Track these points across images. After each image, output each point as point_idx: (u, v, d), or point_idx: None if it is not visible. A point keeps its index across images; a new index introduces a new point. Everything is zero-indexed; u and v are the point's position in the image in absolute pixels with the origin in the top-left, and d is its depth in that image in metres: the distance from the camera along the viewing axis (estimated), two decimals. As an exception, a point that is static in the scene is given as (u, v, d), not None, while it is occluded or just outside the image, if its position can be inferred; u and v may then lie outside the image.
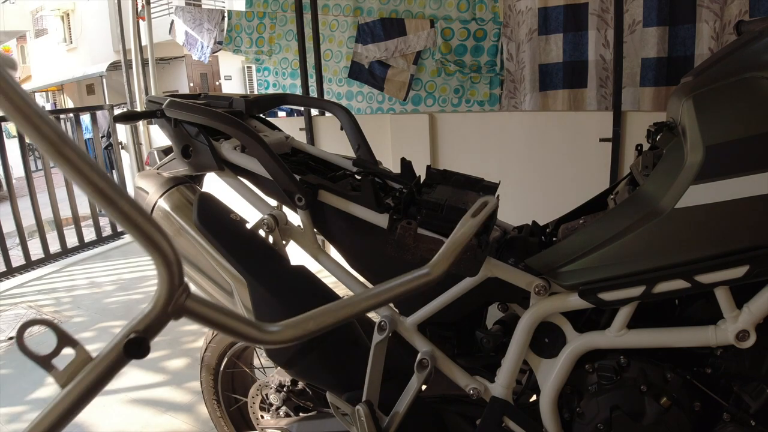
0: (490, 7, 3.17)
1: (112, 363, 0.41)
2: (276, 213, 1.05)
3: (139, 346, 0.40)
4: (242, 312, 1.02)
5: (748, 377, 0.79)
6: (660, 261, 0.76)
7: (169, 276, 0.41)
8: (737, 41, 0.88)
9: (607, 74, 2.87)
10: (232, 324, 0.44)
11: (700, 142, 0.73)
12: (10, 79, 0.35)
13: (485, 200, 0.74)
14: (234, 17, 3.88)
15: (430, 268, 0.59)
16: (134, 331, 0.41)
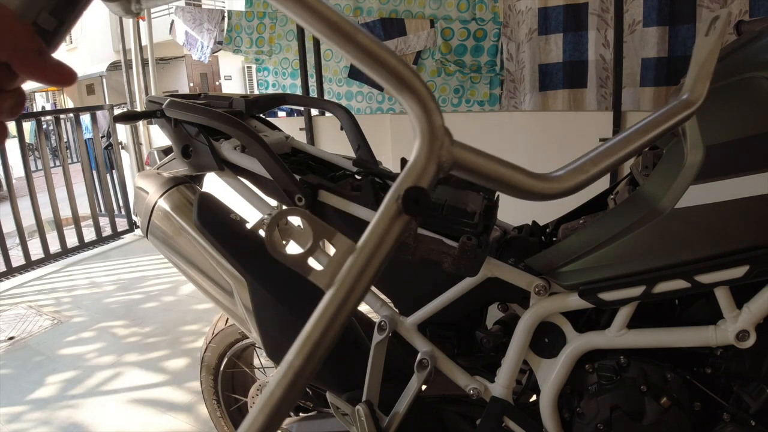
0: (490, 7, 3.17)
1: (389, 235, 0.34)
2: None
3: (418, 198, 0.33)
4: (242, 312, 1.02)
5: (748, 377, 0.79)
6: (660, 261, 0.76)
7: (426, 117, 0.34)
8: (737, 41, 0.88)
9: (607, 74, 2.87)
10: (511, 177, 0.37)
11: (700, 142, 0.73)
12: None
13: (716, 15, 0.58)
14: (234, 17, 3.88)
15: (689, 93, 0.49)
16: (402, 189, 0.34)
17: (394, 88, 0.34)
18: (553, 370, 0.88)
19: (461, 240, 0.81)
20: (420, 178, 0.34)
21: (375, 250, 0.36)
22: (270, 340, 1.00)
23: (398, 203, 0.34)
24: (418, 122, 0.34)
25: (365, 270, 0.35)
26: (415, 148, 0.35)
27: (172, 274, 3.46)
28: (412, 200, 0.33)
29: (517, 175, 0.37)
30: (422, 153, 0.35)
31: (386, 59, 0.33)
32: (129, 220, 4.58)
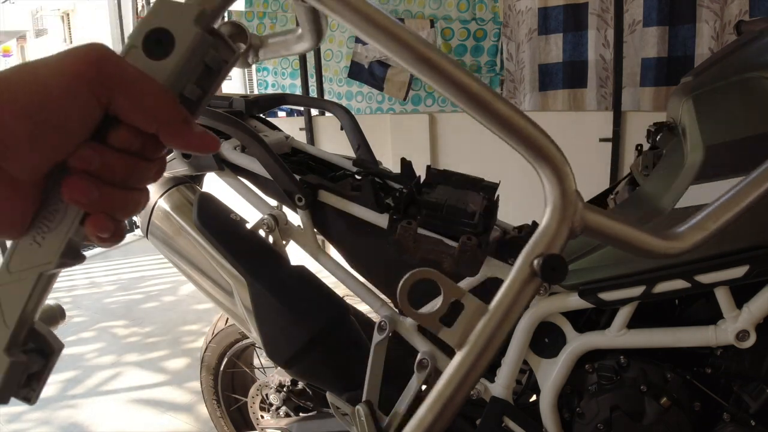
0: (490, 7, 3.17)
1: (521, 299, 0.35)
2: (276, 213, 1.05)
3: (556, 266, 0.34)
4: (242, 312, 1.03)
5: (748, 377, 0.79)
6: (660, 261, 0.76)
7: (559, 182, 0.35)
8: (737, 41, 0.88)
9: (607, 74, 2.87)
10: (637, 237, 0.37)
11: (700, 142, 0.73)
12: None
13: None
14: (234, 17, 3.88)
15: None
16: (538, 255, 0.35)
17: (530, 155, 0.35)
18: (553, 370, 0.88)
19: (461, 240, 0.81)
20: (552, 243, 0.36)
21: (507, 312, 0.35)
22: (270, 340, 1.00)
23: (532, 268, 0.35)
24: (551, 187, 0.36)
25: (497, 332, 0.35)
26: (547, 213, 0.36)
27: (172, 274, 3.46)
28: (550, 268, 0.34)
29: (643, 236, 0.37)
30: (555, 218, 0.36)
31: (525, 128, 0.34)
32: (129, 219, 4.58)
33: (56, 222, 0.33)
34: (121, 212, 0.34)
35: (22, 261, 0.34)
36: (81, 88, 0.30)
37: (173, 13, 0.32)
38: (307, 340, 0.96)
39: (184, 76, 0.33)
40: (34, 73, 0.30)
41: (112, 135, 0.32)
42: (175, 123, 0.32)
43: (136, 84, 0.30)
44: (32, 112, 0.29)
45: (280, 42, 0.55)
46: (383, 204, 0.95)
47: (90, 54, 0.30)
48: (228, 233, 1.02)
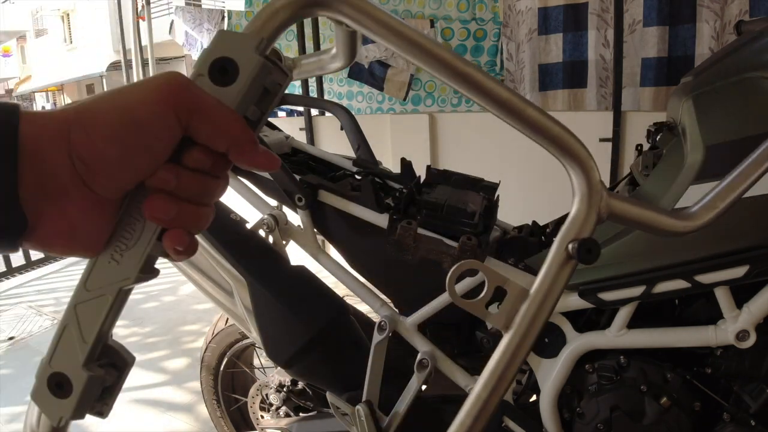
0: (490, 7, 3.17)
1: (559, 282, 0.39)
2: (276, 213, 1.05)
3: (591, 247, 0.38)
4: (242, 312, 1.03)
5: (748, 377, 0.79)
6: (660, 261, 0.76)
7: (585, 174, 0.39)
8: (737, 41, 0.88)
9: (607, 74, 2.87)
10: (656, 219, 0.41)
11: (700, 142, 0.73)
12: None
13: None
14: (234, 17, 3.88)
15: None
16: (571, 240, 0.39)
17: (558, 152, 0.39)
18: (553, 370, 0.88)
19: (461, 240, 0.81)
20: (583, 228, 0.40)
21: (547, 294, 0.40)
22: (270, 340, 1.00)
23: (567, 251, 0.39)
24: (578, 179, 0.40)
25: (540, 313, 0.40)
26: (576, 202, 0.40)
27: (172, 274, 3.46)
28: (586, 250, 0.38)
29: (662, 218, 0.42)
30: (584, 205, 0.40)
31: (552, 129, 0.39)
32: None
33: (134, 239, 0.35)
34: (196, 227, 0.36)
35: (100, 279, 0.36)
36: (166, 112, 0.32)
37: (235, 43, 0.34)
38: (307, 340, 0.96)
39: (248, 100, 0.35)
40: (122, 100, 0.33)
41: (187, 156, 0.34)
42: (245, 143, 0.35)
43: (212, 109, 0.33)
44: (122, 136, 0.32)
45: (314, 62, 0.57)
46: (383, 204, 0.95)
47: (172, 82, 0.33)
48: (228, 233, 1.02)
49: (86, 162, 0.32)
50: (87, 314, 0.35)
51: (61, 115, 0.32)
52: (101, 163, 0.32)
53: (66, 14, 17.16)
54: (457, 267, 0.39)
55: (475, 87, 0.38)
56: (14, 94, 21.52)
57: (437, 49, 0.37)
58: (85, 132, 0.32)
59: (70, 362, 0.35)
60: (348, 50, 0.52)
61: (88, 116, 0.32)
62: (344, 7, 0.36)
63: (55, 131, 0.32)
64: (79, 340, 0.35)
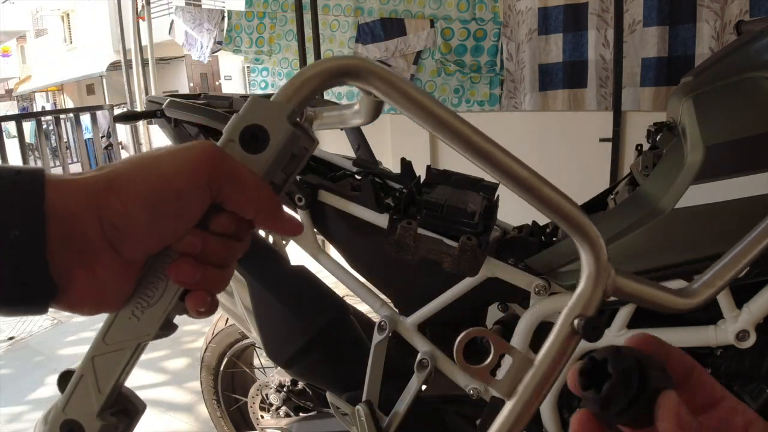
0: (490, 7, 3.17)
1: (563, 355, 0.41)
2: (276, 213, 1.05)
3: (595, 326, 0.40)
4: (242, 312, 1.03)
5: (748, 377, 0.79)
6: (660, 261, 0.76)
7: (595, 254, 0.42)
8: (737, 41, 0.88)
9: (607, 74, 2.87)
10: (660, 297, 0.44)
11: (700, 142, 0.73)
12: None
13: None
14: (234, 17, 3.88)
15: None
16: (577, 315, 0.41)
17: (570, 229, 0.42)
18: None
19: (461, 240, 0.81)
20: (588, 306, 0.42)
21: (552, 365, 0.41)
22: (270, 340, 1.00)
23: (573, 327, 0.41)
24: (587, 257, 0.42)
25: (542, 384, 0.40)
26: (583, 279, 0.42)
27: (172, 274, 3.45)
28: (591, 328, 0.40)
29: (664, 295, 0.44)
30: (591, 283, 0.42)
31: (565, 207, 0.41)
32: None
33: (156, 298, 0.36)
34: (218, 288, 0.37)
35: (120, 334, 0.36)
36: (201, 182, 0.33)
37: (267, 111, 0.35)
38: (307, 340, 0.96)
39: (276, 167, 0.36)
40: (157, 168, 0.34)
41: (214, 221, 0.35)
42: (272, 210, 0.36)
43: (243, 179, 0.34)
44: (155, 204, 0.33)
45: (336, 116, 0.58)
46: (383, 204, 0.95)
47: (206, 152, 0.34)
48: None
49: (118, 227, 0.33)
50: (104, 366, 0.37)
51: (91, 181, 0.33)
52: (132, 229, 0.33)
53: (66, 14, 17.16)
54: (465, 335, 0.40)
55: (495, 164, 0.39)
56: (14, 94, 21.53)
57: (460, 124, 0.39)
58: (119, 199, 0.32)
59: (84, 410, 0.36)
60: (371, 112, 0.54)
61: (122, 182, 0.33)
62: (373, 79, 0.37)
63: (84, 199, 0.32)
64: (94, 390, 0.36)
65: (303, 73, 0.37)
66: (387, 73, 0.38)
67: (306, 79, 0.37)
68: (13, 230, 0.30)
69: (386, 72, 0.38)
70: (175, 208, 0.33)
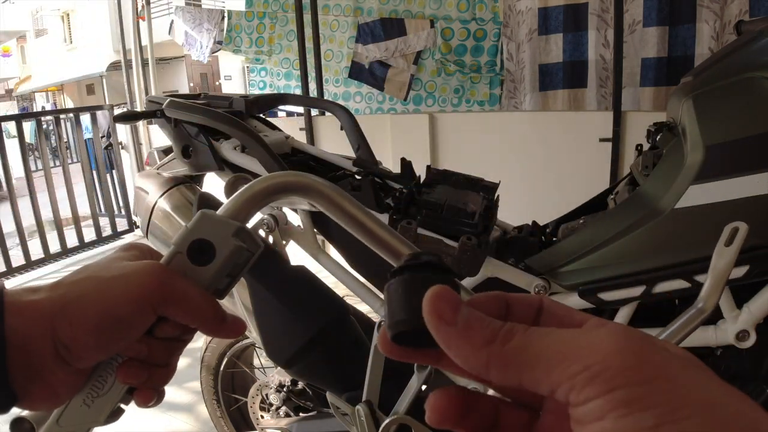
0: (490, 7, 3.17)
1: None
2: (276, 213, 1.05)
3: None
4: (242, 312, 1.02)
5: (748, 377, 0.79)
6: (660, 261, 0.76)
7: None
8: (737, 41, 0.88)
9: (607, 74, 2.87)
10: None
11: (700, 142, 0.73)
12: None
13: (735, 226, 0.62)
14: (234, 17, 3.88)
15: (702, 302, 0.60)
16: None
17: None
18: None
19: (461, 240, 0.81)
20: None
21: None
22: (270, 340, 1.00)
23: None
24: None
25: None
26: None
27: (172, 274, 3.45)
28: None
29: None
30: None
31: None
32: (129, 220, 4.58)
33: (105, 389, 0.39)
34: (163, 383, 0.41)
35: (71, 418, 0.39)
36: (145, 305, 0.37)
37: (214, 226, 0.38)
38: (307, 340, 0.96)
39: (220, 277, 0.39)
40: (104, 293, 0.37)
41: (159, 330, 0.39)
42: (213, 323, 0.39)
43: (187, 299, 0.38)
44: (102, 328, 0.36)
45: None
46: (383, 204, 0.95)
47: (152, 276, 0.37)
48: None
49: (69, 348, 0.36)
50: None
51: (48, 305, 0.37)
52: (81, 349, 0.37)
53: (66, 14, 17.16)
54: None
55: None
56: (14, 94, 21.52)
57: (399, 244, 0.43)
58: (69, 324, 0.36)
59: None
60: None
61: (73, 310, 0.36)
62: (315, 195, 0.41)
63: (40, 323, 0.36)
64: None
65: (250, 188, 0.40)
66: (330, 190, 0.41)
67: (252, 195, 0.40)
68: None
69: (329, 189, 0.41)
70: (120, 330, 0.37)
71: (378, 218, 0.43)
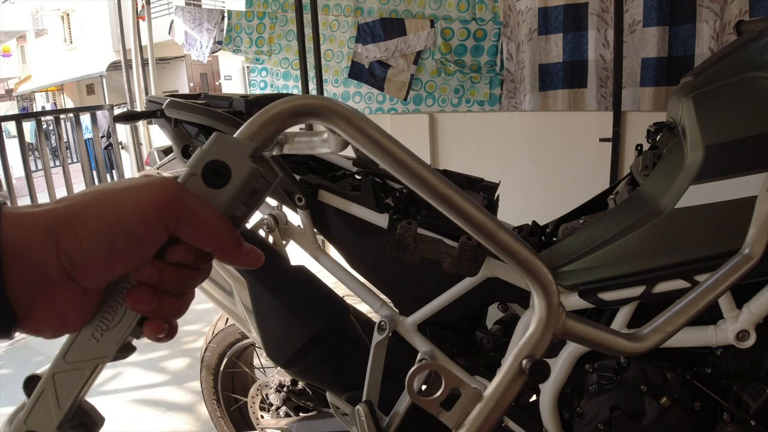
0: (490, 7, 3.17)
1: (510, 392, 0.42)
2: (276, 213, 1.05)
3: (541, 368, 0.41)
4: (242, 312, 1.03)
5: (748, 377, 0.79)
6: (660, 261, 0.76)
7: (546, 297, 0.42)
8: (737, 41, 0.88)
9: (607, 74, 2.87)
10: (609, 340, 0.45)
11: (700, 142, 0.73)
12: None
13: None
14: (234, 17, 3.88)
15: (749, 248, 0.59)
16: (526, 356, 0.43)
17: (522, 272, 0.42)
18: (553, 370, 0.88)
19: (461, 240, 0.81)
20: (537, 347, 0.43)
21: (498, 401, 0.43)
22: (270, 340, 1.00)
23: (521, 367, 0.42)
24: (539, 301, 0.43)
25: (489, 417, 0.42)
26: (534, 321, 0.43)
27: (172, 274, 3.45)
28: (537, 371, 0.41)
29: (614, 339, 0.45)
30: (541, 326, 0.43)
31: (521, 252, 0.41)
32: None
33: (115, 322, 0.37)
34: (175, 315, 0.38)
35: (80, 353, 0.37)
36: (156, 220, 0.34)
37: (230, 148, 0.36)
38: (307, 340, 0.96)
39: (237, 202, 0.37)
40: (113, 205, 0.34)
41: (171, 253, 0.36)
42: (229, 246, 0.37)
43: (200, 216, 0.35)
44: (110, 241, 0.34)
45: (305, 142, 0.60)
46: (383, 204, 0.95)
47: (165, 190, 0.35)
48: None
49: (74, 261, 0.34)
50: (64, 383, 0.37)
51: (50, 215, 0.34)
52: (89, 263, 0.34)
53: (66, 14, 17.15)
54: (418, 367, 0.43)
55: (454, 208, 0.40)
56: (14, 94, 21.52)
57: (421, 169, 0.39)
58: (75, 235, 0.33)
59: (44, 423, 0.37)
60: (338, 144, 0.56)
61: (79, 219, 0.34)
62: (336, 119, 0.38)
63: (42, 233, 0.33)
64: (54, 405, 0.37)
65: (267, 111, 0.38)
66: (350, 113, 0.38)
67: (270, 118, 0.38)
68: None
69: (349, 112, 0.38)
70: (130, 245, 0.34)
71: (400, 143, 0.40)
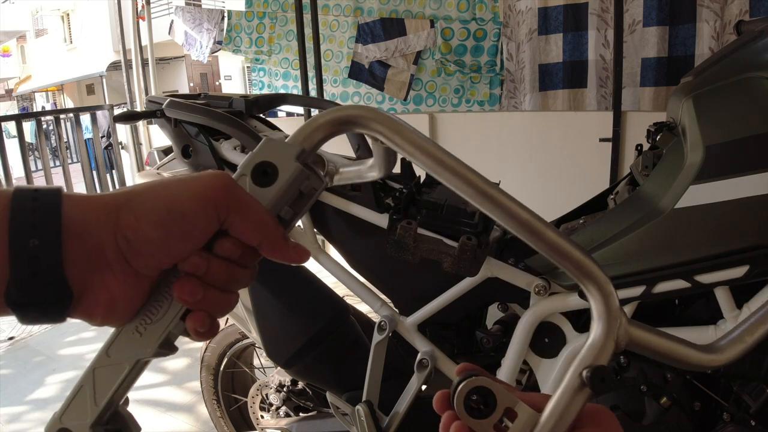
0: (490, 7, 3.17)
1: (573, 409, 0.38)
2: (276, 213, 1.05)
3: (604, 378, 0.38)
4: (242, 312, 1.03)
5: (748, 377, 0.79)
6: (660, 261, 0.76)
7: (605, 300, 0.39)
8: (737, 41, 0.88)
9: (607, 74, 2.87)
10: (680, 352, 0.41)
11: (700, 142, 0.73)
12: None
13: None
14: (234, 17, 3.88)
15: None
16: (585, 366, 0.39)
17: (576, 275, 0.40)
18: (553, 370, 0.88)
19: (461, 240, 0.81)
20: (600, 355, 0.39)
21: (558, 422, 0.38)
22: (270, 340, 1.00)
23: (581, 378, 0.38)
24: (596, 305, 0.39)
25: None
26: (594, 327, 0.39)
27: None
28: (599, 379, 0.37)
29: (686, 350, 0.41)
30: (601, 333, 0.39)
31: (572, 252, 0.39)
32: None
33: (159, 315, 0.38)
34: (219, 312, 0.39)
35: (122, 348, 0.38)
36: (209, 207, 0.36)
37: (278, 150, 0.39)
38: (306, 340, 0.96)
39: (283, 201, 0.39)
40: (171, 192, 0.37)
41: (219, 245, 0.38)
42: (275, 239, 0.39)
43: (248, 208, 0.38)
44: (165, 222, 0.36)
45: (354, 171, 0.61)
46: (383, 204, 0.95)
47: (219, 181, 0.37)
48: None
49: (131, 242, 0.36)
50: (103, 379, 0.38)
51: (111, 199, 0.36)
52: (144, 244, 0.36)
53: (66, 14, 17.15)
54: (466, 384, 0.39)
55: (497, 206, 0.40)
56: (14, 94, 21.52)
57: (462, 168, 0.40)
58: (134, 215, 0.36)
59: (79, 421, 0.37)
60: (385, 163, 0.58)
61: (138, 202, 0.36)
62: (378, 126, 0.40)
63: (103, 213, 0.35)
64: (91, 401, 0.37)
65: (315, 120, 0.41)
66: (391, 120, 0.40)
67: (318, 126, 0.41)
68: (32, 240, 0.33)
69: (390, 120, 0.40)
70: (184, 228, 0.36)
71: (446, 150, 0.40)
